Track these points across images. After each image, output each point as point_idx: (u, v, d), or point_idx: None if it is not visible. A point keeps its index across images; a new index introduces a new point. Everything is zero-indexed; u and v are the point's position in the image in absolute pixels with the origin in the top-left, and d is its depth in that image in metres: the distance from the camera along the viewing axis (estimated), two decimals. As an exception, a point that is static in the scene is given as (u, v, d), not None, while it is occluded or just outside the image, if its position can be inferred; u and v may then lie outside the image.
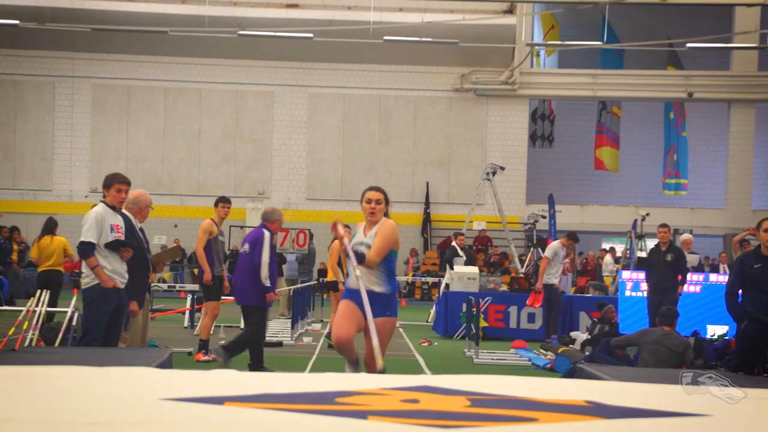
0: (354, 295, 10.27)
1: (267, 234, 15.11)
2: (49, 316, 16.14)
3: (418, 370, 15.85)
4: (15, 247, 21.76)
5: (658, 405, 6.97)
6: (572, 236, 22.42)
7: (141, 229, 13.32)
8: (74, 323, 15.01)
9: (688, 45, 36.98)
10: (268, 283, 14.87)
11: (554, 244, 22.11)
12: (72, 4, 34.32)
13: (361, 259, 10.37)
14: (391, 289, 10.58)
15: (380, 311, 10.22)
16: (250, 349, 14.77)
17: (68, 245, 19.27)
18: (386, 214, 10.92)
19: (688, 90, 39.44)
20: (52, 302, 16.91)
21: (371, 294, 10.20)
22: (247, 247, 15.12)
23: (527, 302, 21.98)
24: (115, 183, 12.29)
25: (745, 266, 12.11)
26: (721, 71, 40.14)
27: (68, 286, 19.06)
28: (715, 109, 40.80)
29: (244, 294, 15.23)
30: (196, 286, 19.23)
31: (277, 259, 24.96)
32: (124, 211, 12.80)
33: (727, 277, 20.12)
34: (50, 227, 19.22)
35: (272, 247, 15.07)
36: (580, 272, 29.18)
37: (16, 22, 35.55)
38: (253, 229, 15.48)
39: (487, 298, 22.47)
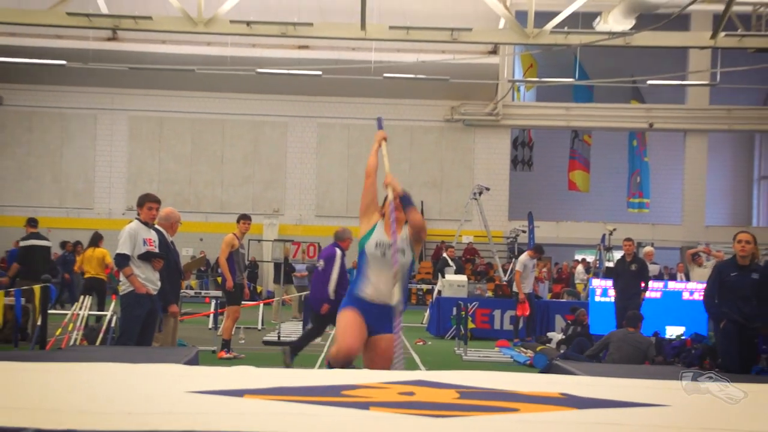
0: (364, 305, 8.82)
1: (339, 252, 15.71)
2: (96, 318, 16.14)
3: (413, 366, 15.83)
4: (77, 258, 21.82)
5: (624, 396, 6.97)
6: (538, 249, 22.51)
7: (172, 242, 13.37)
8: (113, 325, 15.02)
9: (649, 82, 37.04)
10: (333, 297, 15.14)
11: (522, 257, 22.16)
12: (111, 47, 34.41)
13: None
14: (403, 301, 8.93)
15: (388, 327, 8.89)
16: (301, 337, 15.62)
17: (108, 256, 19.24)
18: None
19: (649, 121, 39.48)
20: (99, 307, 16.90)
21: (387, 308, 8.84)
22: (322, 263, 15.72)
23: (517, 312, 21.94)
24: (147, 202, 12.43)
25: (722, 274, 12.29)
26: (678, 105, 40.16)
27: (109, 292, 19.06)
28: (672, 137, 40.81)
29: (318, 303, 15.59)
30: (219, 293, 19.19)
31: (287, 269, 25.12)
32: (157, 226, 12.85)
33: (683, 285, 20.23)
34: (95, 240, 19.23)
35: (343, 264, 15.55)
36: (555, 280, 29.16)
37: (64, 62, 35.58)
38: (327, 247, 16.20)
39: (475, 302, 22.49)
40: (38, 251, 19.02)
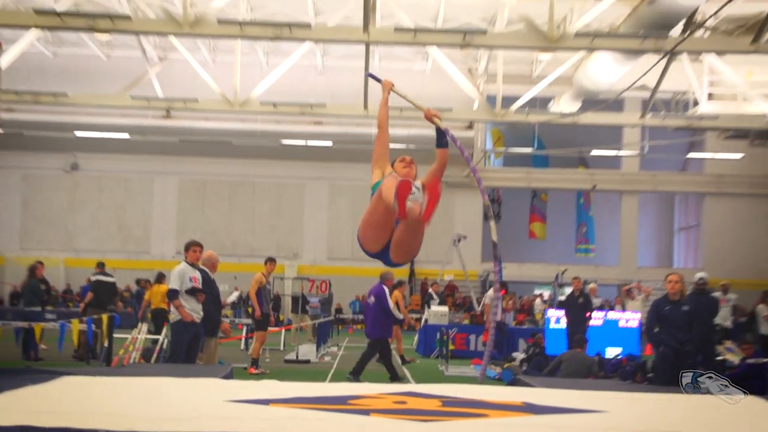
0: None
1: (386, 289, 16.08)
2: (155, 341, 16.14)
3: (405, 380, 15.81)
4: (146, 293, 21.88)
5: (573, 404, 6.99)
6: (503, 284, 22.51)
7: (213, 279, 13.40)
8: (164, 347, 15.01)
9: (593, 152, 37.23)
10: (400, 317, 16.60)
11: (490, 292, 22.19)
12: (166, 123, 34.48)
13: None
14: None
15: None
16: (386, 365, 15.71)
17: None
18: None
19: (592, 183, 39.51)
20: (158, 331, 16.88)
21: None
22: (372, 299, 16.03)
23: (482, 338, 21.97)
24: (192, 246, 12.59)
25: (658, 309, 12.40)
26: (615, 170, 40.23)
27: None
28: (611, 197, 40.84)
29: (374, 330, 15.95)
30: (249, 320, 19.18)
31: (303, 301, 25.13)
32: (202, 267, 12.90)
33: (620, 314, 20.22)
34: (159, 278, 19.23)
35: (388, 297, 15.97)
36: (518, 311, 29.01)
37: (127, 135, 35.76)
38: (375, 285, 16.35)
39: (454, 328, 22.44)
40: (105, 285, 19.09)
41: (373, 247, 7.05)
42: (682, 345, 12.16)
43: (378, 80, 7.98)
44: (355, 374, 15.27)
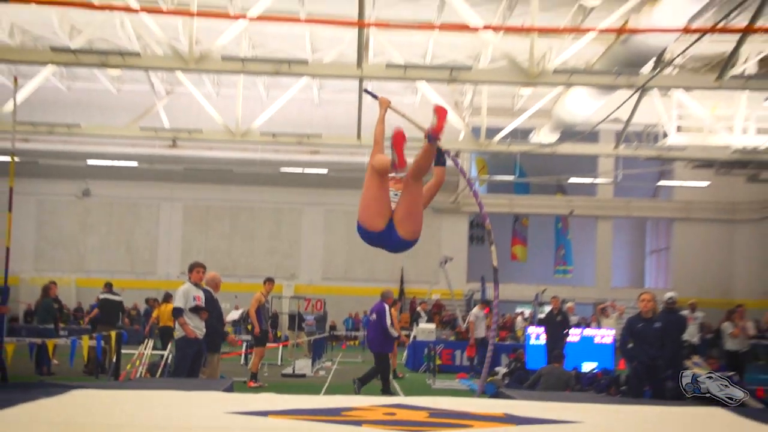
0: None
1: (386, 306, 16.12)
2: (161, 356, 16.12)
3: (395, 393, 15.78)
4: (155, 311, 21.84)
5: (551, 416, 6.99)
6: (487, 303, 22.52)
7: (216, 299, 13.41)
8: (169, 362, 14.98)
9: (570, 180, 37.32)
10: (396, 335, 16.25)
11: (474, 310, 22.18)
12: (172, 152, 34.45)
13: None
14: None
15: None
16: (382, 377, 15.79)
17: (174, 310, 19.26)
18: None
19: (570, 209, 39.64)
20: (166, 348, 16.85)
21: None
22: (374, 316, 16.20)
23: (466, 353, 21.97)
24: (195, 267, 12.60)
25: (632, 326, 12.47)
26: (591, 197, 40.36)
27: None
28: (587, 221, 40.93)
29: (374, 344, 16.16)
30: (249, 337, 19.16)
31: (299, 319, 25.09)
32: (206, 287, 12.91)
33: (596, 332, 20.25)
34: (167, 298, 19.24)
35: (388, 314, 16.00)
36: (501, 327, 29.02)
37: (135, 163, 35.76)
38: (377, 303, 16.49)
39: (441, 344, 22.41)
40: (112, 304, 19.06)
41: (378, 224, 6.81)
42: (653, 360, 12.20)
43: (375, 97, 7.76)
44: (362, 382, 15.52)
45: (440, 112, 6.81)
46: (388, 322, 15.94)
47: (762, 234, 37.22)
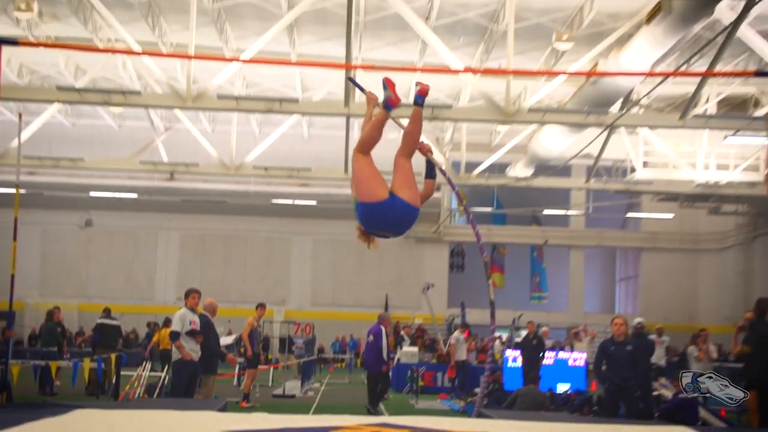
0: None
1: (383, 329, 16.10)
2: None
3: (380, 412, 15.72)
4: (155, 335, 21.69)
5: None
6: (466, 326, 22.50)
7: (213, 323, 13.39)
8: (166, 383, 14.89)
9: (545, 212, 37.46)
10: (385, 358, 16.05)
11: (455, 334, 22.17)
12: (170, 184, 34.46)
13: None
14: None
15: None
16: (378, 394, 15.94)
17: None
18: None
19: (545, 239, 39.75)
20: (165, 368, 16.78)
21: None
22: (371, 337, 16.09)
23: (447, 374, 21.94)
24: (191, 293, 12.59)
25: (605, 349, 12.43)
26: (564, 228, 40.50)
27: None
28: (560, 250, 41.00)
29: (370, 365, 16.16)
30: (242, 359, 19.07)
31: (289, 342, 25.01)
32: (203, 312, 12.93)
33: (569, 354, 20.25)
34: (167, 322, 19.16)
35: (387, 335, 16.13)
36: (479, 350, 28.94)
37: (135, 195, 35.70)
38: (374, 325, 16.43)
39: (423, 367, 22.39)
40: (109, 328, 19.00)
41: (381, 192, 6.21)
42: (625, 381, 12.18)
43: (361, 89, 7.07)
44: (373, 405, 15.58)
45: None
46: (384, 343, 15.94)
47: (723, 263, 37.40)
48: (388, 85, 6.40)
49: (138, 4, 22.33)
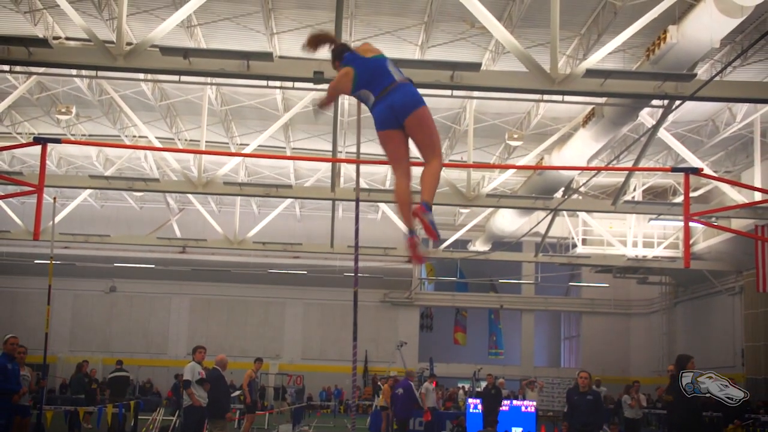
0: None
1: (411, 383, 17.06)
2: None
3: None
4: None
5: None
6: (434, 377, 22.41)
7: (223, 376, 13.38)
8: (177, 426, 14.73)
9: (500, 281, 37.60)
10: (432, 405, 17.46)
11: (426, 385, 21.95)
12: (182, 256, 34.47)
13: None
14: None
15: None
16: None
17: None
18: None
19: (500, 304, 39.76)
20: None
21: None
22: (401, 390, 16.76)
23: (424, 417, 21.73)
24: (198, 349, 12.72)
25: (570, 397, 12.29)
26: (517, 295, 40.54)
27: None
28: (514, 314, 40.89)
29: (400, 413, 16.73)
30: (242, 406, 18.87)
31: (282, 391, 24.73)
32: (215, 366, 12.99)
33: (522, 402, 20.16)
34: (178, 375, 18.97)
35: (415, 389, 17.02)
36: (445, 399, 28.73)
37: (153, 265, 35.57)
38: (403, 380, 17.30)
39: (397, 413, 22.13)
40: (119, 379, 18.93)
41: (402, 154, 5.19)
42: (585, 427, 12.05)
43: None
44: None
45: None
46: (417, 395, 16.34)
47: (650, 325, 37.59)
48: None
49: (158, 107, 22.65)
